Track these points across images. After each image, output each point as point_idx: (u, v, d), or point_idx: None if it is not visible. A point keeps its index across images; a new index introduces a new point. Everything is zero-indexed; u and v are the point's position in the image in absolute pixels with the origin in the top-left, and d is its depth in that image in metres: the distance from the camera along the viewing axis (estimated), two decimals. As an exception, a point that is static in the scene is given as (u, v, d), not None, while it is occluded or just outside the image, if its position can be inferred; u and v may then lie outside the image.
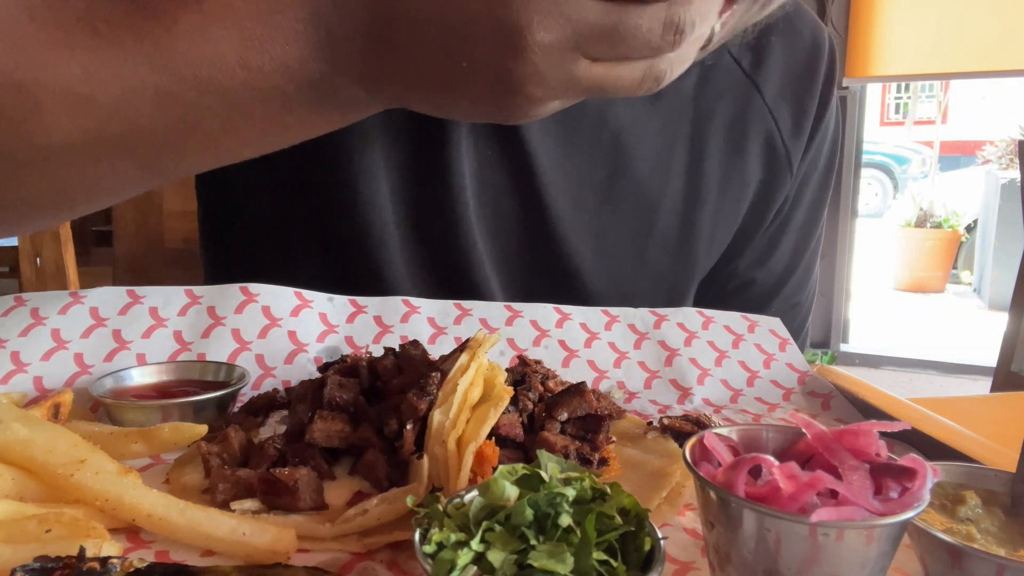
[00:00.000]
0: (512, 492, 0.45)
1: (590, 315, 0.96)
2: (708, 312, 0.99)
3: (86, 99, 0.55)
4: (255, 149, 0.65)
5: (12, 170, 0.58)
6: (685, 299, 1.11)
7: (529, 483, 0.46)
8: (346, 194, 0.92)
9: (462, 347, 0.65)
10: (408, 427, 0.59)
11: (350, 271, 0.97)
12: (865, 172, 5.38)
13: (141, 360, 0.81)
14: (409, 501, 0.49)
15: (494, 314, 0.94)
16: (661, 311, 0.98)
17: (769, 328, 0.99)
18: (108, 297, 0.85)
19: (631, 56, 0.55)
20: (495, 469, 0.50)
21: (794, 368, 0.93)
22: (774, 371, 0.93)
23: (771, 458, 0.46)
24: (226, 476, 0.58)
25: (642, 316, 0.97)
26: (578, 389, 0.68)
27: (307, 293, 0.91)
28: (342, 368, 0.71)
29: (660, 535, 0.45)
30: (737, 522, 0.44)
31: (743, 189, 1.06)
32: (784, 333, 0.98)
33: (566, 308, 0.96)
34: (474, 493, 0.46)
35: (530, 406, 0.67)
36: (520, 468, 0.47)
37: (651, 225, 1.03)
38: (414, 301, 0.93)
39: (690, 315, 0.98)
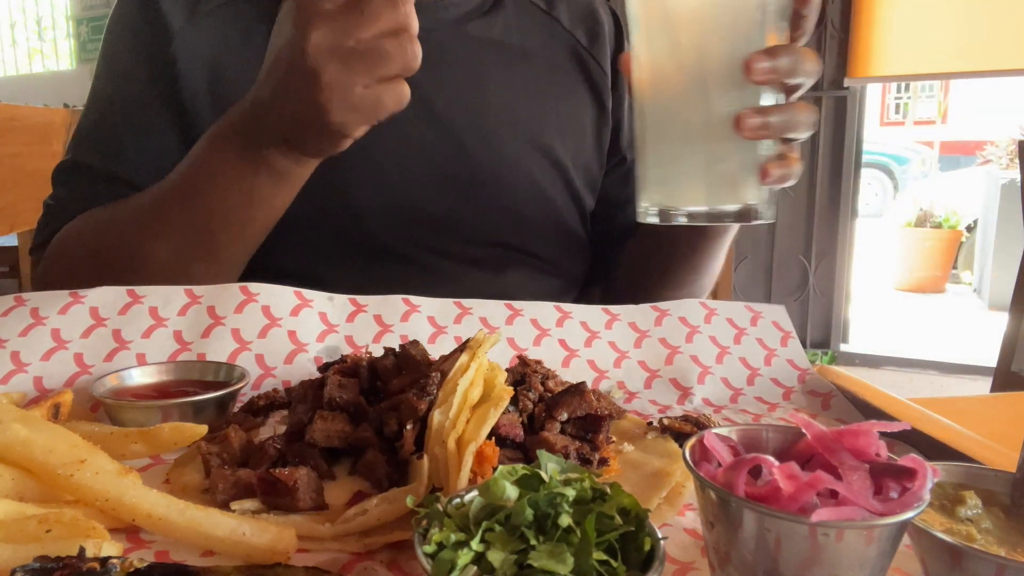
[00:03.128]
0: (512, 492, 0.45)
1: (590, 314, 0.96)
2: (711, 303, 0.98)
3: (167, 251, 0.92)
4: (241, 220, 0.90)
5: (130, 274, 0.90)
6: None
7: (529, 483, 0.46)
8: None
9: (462, 347, 0.65)
10: (408, 427, 0.59)
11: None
12: (865, 172, 5.36)
13: (141, 360, 0.81)
14: (409, 501, 0.49)
15: (494, 313, 0.94)
16: (663, 305, 0.97)
17: (772, 320, 0.98)
18: (108, 297, 0.85)
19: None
20: (495, 469, 0.50)
21: (795, 365, 0.93)
22: (775, 368, 0.93)
23: (771, 458, 0.46)
24: (226, 476, 0.58)
25: (643, 312, 0.97)
26: (578, 389, 0.68)
27: (307, 292, 0.91)
28: (342, 368, 0.71)
29: (660, 535, 0.45)
30: (737, 522, 0.44)
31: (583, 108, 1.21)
32: (787, 325, 0.98)
33: (566, 307, 0.96)
34: (474, 493, 0.46)
35: (530, 406, 0.67)
36: (520, 468, 0.47)
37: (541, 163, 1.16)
38: (414, 300, 0.93)
39: (693, 308, 0.97)
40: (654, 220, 0.73)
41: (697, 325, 0.95)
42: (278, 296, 0.89)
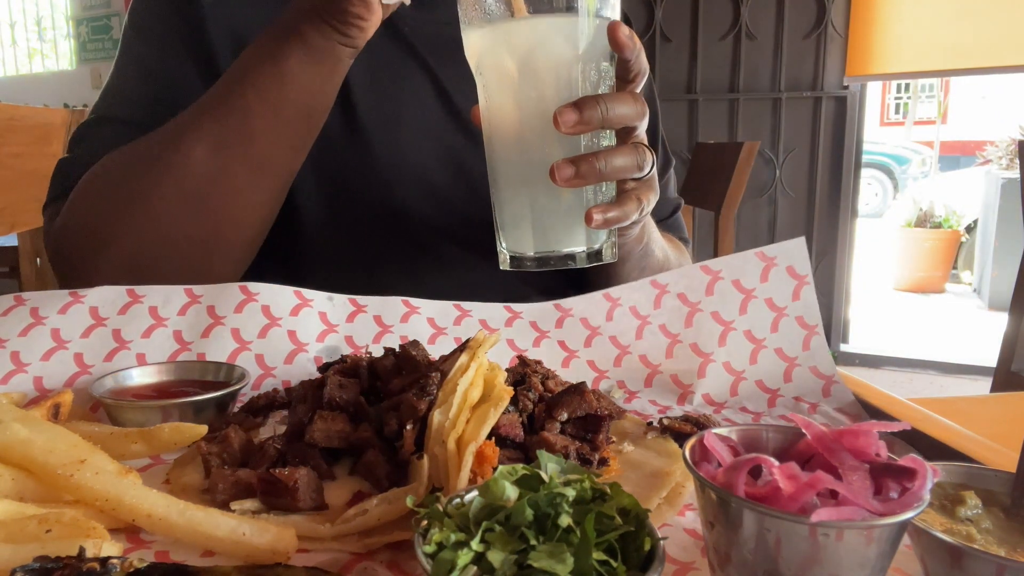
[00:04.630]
0: (512, 492, 0.45)
1: (590, 308, 0.94)
2: (716, 265, 0.92)
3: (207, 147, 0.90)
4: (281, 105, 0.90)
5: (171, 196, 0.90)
6: None
7: (529, 483, 0.46)
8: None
9: (462, 347, 0.65)
10: (408, 427, 0.59)
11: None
12: (865, 172, 5.36)
13: (141, 360, 0.81)
14: (409, 501, 0.49)
15: (494, 315, 0.94)
16: (662, 279, 0.93)
17: (787, 264, 0.90)
18: (108, 296, 0.85)
19: None
20: (495, 469, 0.50)
21: (804, 323, 0.88)
22: (782, 333, 0.88)
23: (771, 458, 0.46)
24: (226, 476, 0.58)
25: (644, 291, 0.92)
26: (578, 389, 0.68)
27: (307, 292, 0.91)
28: (342, 368, 0.71)
29: (660, 535, 0.45)
30: (737, 522, 0.44)
31: None
32: (804, 267, 0.91)
33: (566, 303, 0.95)
34: (474, 493, 0.46)
35: (530, 406, 0.67)
36: (520, 468, 0.47)
37: None
38: (414, 301, 0.93)
39: (694, 277, 0.92)
40: (506, 267, 0.78)
41: (698, 301, 0.90)
42: (278, 296, 0.89)
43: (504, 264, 0.78)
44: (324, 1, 0.84)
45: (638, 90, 0.78)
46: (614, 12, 0.74)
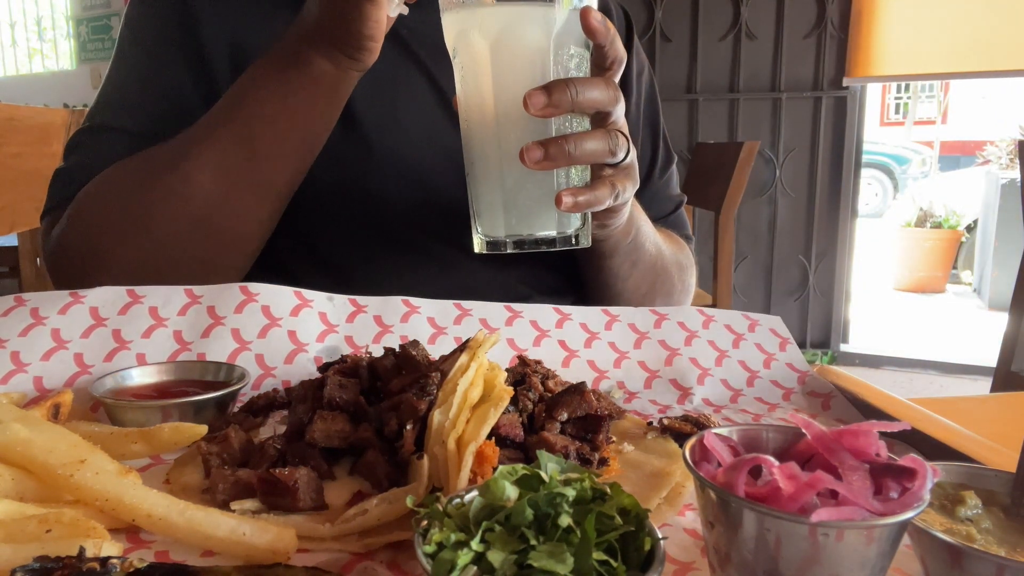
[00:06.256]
0: (512, 492, 0.45)
1: (590, 315, 0.96)
2: (709, 311, 0.99)
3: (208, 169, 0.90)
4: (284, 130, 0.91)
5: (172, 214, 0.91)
6: None
7: (529, 483, 0.46)
8: None
9: (462, 347, 0.65)
10: (408, 427, 0.59)
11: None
12: (865, 172, 5.36)
13: (141, 360, 0.81)
14: (409, 501, 0.49)
15: (494, 314, 0.94)
16: (661, 310, 0.98)
17: (770, 327, 0.99)
18: (108, 297, 0.85)
19: None
20: (495, 469, 0.50)
21: (794, 368, 0.93)
22: (774, 371, 0.93)
23: (771, 458, 0.46)
24: (226, 476, 0.58)
25: (642, 314, 0.98)
26: (578, 389, 0.68)
27: (307, 293, 0.91)
28: (342, 368, 0.71)
29: (660, 535, 0.45)
30: (737, 522, 0.44)
31: None
32: (785, 333, 0.98)
33: (566, 308, 0.96)
34: (474, 493, 0.46)
35: (530, 406, 0.67)
36: (520, 468, 0.47)
37: None
38: (414, 301, 0.93)
39: (691, 314, 0.98)
40: (481, 251, 0.78)
41: (695, 330, 0.96)
42: (278, 296, 0.89)
43: (479, 248, 0.78)
44: (335, 29, 0.82)
45: (616, 78, 0.78)
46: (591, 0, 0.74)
